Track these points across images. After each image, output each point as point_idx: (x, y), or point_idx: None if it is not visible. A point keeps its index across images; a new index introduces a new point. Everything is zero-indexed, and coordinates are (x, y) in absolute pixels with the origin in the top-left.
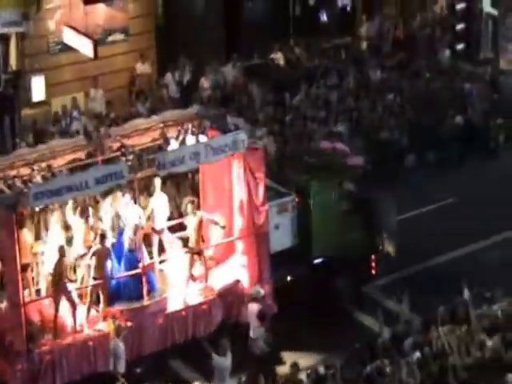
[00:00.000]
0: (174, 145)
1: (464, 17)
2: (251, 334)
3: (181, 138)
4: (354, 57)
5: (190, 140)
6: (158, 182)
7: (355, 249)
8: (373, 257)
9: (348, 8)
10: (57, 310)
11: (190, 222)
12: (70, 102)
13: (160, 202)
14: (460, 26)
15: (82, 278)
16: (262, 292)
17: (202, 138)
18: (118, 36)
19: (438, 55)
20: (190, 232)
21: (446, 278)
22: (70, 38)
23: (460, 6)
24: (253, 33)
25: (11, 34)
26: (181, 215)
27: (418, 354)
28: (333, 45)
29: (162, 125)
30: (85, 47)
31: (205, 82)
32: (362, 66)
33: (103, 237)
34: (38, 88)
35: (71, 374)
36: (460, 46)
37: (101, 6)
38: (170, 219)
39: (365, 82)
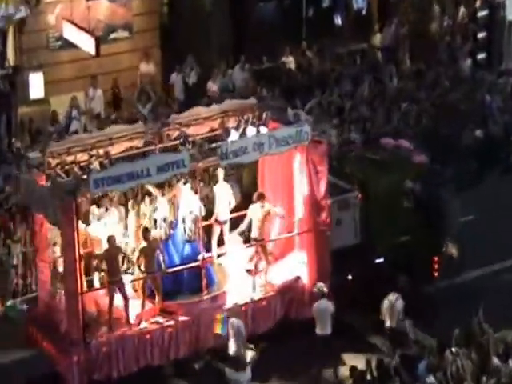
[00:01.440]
0: (234, 135)
1: (486, 25)
2: (317, 330)
3: (241, 128)
4: (370, 63)
5: (251, 131)
6: (220, 172)
7: (418, 249)
8: (435, 258)
9: (363, 11)
10: (111, 301)
11: (256, 214)
12: (69, 101)
13: (223, 193)
14: (481, 35)
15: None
16: (326, 289)
17: (263, 130)
18: (121, 33)
19: (458, 64)
20: (255, 225)
21: (465, 298)
22: (71, 33)
23: (482, 14)
24: (263, 34)
25: (9, 28)
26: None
27: (431, 379)
28: (348, 50)
29: (222, 114)
30: (86, 44)
31: (213, 85)
32: (377, 73)
33: (147, 231)
34: (36, 85)
35: (127, 367)
36: (481, 56)
37: (103, 1)
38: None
39: (380, 90)
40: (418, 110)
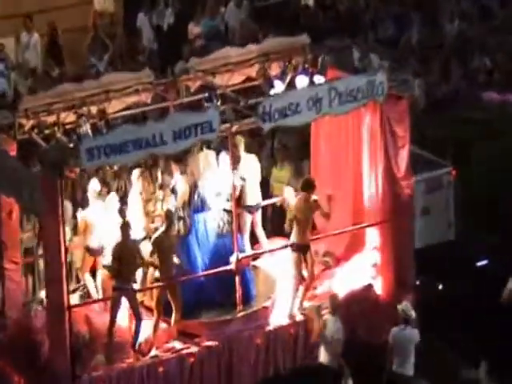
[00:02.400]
0: (278, 87)
1: None
2: (395, 367)
3: (288, 78)
4: None
5: (302, 81)
6: (240, 142)
7: None
8: None
9: None
10: (113, 319)
11: (299, 210)
12: None
13: (253, 170)
14: None
15: (144, 277)
16: (413, 313)
17: (319, 79)
18: None
19: None
20: (296, 225)
21: None
22: None
23: None
24: None
25: None
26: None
27: None
28: None
29: (261, 58)
30: None
31: (194, 28)
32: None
33: (169, 218)
34: None
35: None
36: None
37: None
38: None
39: (435, 36)
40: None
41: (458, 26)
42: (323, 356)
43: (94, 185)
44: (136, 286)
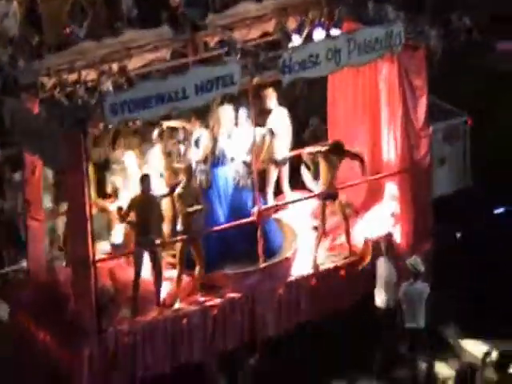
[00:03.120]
0: (296, 40)
1: None
2: (406, 322)
3: (305, 31)
4: None
5: (319, 34)
6: (272, 94)
7: None
8: None
9: None
10: (138, 273)
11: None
12: None
13: (279, 122)
14: None
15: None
16: (423, 268)
17: (336, 32)
18: None
19: None
20: (324, 177)
21: None
22: None
23: None
24: None
25: None
26: None
27: None
28: None
29: (278, 13)
30: None
31: None
32: None
33: (189, 171)
34: None
35: (157, 364)
36: None
37: None
38: None
39: None
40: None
41: None
42: (378, 296)
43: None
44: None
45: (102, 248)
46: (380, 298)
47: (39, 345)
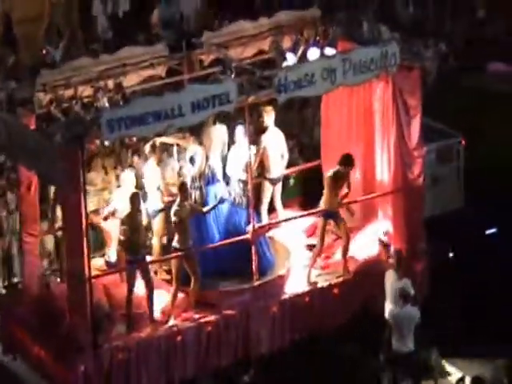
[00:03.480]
0: (291, 59)
1: None
2: (394, 344)
3: (300, 50)
4: None
5: (313, 53)
6: (271, 112)
7: None
8: None
9: None
10: (130, 290)
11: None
12: None
13: (275, 141)
14: None
15: (161, 248)
16: (413, 291)
17: (330, 52)
18: None
19: None
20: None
21: None
22: None
23: None
24: None
25: None
26: None
27: None
28: None
29: (273, 31)
30: None
31: (155, 16)
32: None
33: (184, 188)
34: None
35: (151, 381)
36: None
37: None
38: None
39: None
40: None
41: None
42: (387, 309)
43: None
44: (149, 258)
45: (97, 264)
46: (388, 311)
47: (34, 360)
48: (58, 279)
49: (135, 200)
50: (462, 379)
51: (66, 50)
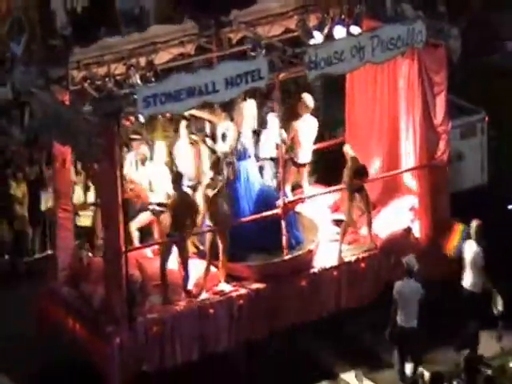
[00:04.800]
0: (317, 38)
1: None
2: (399, 320)
3: (326, 28)
4: None
5: (339, 32)
6: (308, 96)
7: None
8: None
9: None
10: (164, 265)
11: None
12: None
13: (307, 129)
14: None
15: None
16: (417, 266)
17: (355, 30)
18: None
19: None
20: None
21: None
22: None
23: None
24: None
25: None
26: None
27: None
28: None
29: (299, 10)
30: None
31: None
32: None
33: (217, 163)
34: None
35: (185, 353)
36: None
37: None
38: None
39: None
40: None
41: None
42: (466, 279)
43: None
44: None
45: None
46: (467, 281)
47: (68, 334)
48: (90, 253)
49: (177, 179)
50: (421, 375)
51: (27, 46)
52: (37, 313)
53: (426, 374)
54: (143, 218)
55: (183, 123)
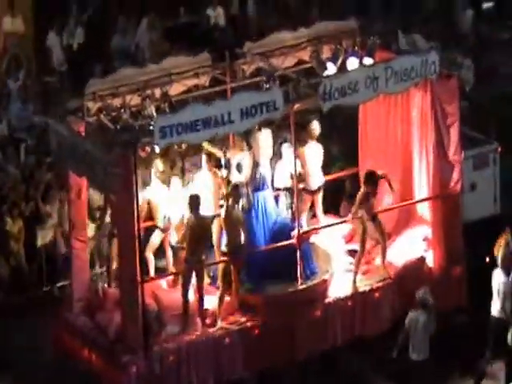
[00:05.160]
0: (331, 69)
1: None
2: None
3: (339, 59)
4: None
5: (353, 63)
6: (317, 127)
7: None
8: None
9: None
10: (186, 291)
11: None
12: None
13: (314, 154)
14: None
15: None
16: (431, 300)
17: (368, 61)
18: None
19: None
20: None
21: None
22: None
23: None
24: None
25: None
26: None
27: None
28: None
29: (312, 42)
30: None
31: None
32: None
33: (236, 191)
34: None
35: (201, 382)
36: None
37: None
38: None
39: None
40: None
41: None
42: (494, 305)
43: (157, 165)
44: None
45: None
46: (495, 308)
47: (84, 363)
48: (106, 284)
49: (194, 203)
50: None
51: (23, 83)
52: (52, 342)
53: None
54: (155, 240)
55: (204, 155)
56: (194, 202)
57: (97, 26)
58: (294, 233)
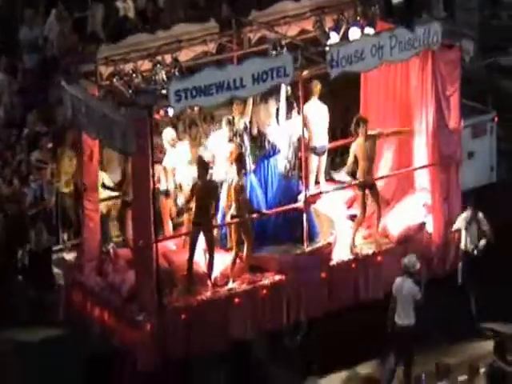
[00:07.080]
0: (334, 38)
1: None
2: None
3: (342, 29)
4: None
5: (354, 33)
6: (317, 85)
7: None
8: None
9: None
10: (192, 253)
11: (358, 145)
12: None
13: (319, 114)
14: None
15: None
16: (418, 265)
17: (369, 31)
18: None
19: None
20: (360, 164)
21: None
22: None
23: None
24: None
25: None
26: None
27: None
28: None
29: (316, 12)
30: None
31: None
32: None
33: (241, 158)
34: None
35: (211, 341)
36: None
37: None
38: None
39: None
40: None
41: None
42: None
43: (169, 132)
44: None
45: None
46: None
47: (95, 322)
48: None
49: (202, 166)
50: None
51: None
52: (64, 303)
53: None
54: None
55: (225, 119)
56: (204, 165)
57: (3, 18)
58: (301, 197)
